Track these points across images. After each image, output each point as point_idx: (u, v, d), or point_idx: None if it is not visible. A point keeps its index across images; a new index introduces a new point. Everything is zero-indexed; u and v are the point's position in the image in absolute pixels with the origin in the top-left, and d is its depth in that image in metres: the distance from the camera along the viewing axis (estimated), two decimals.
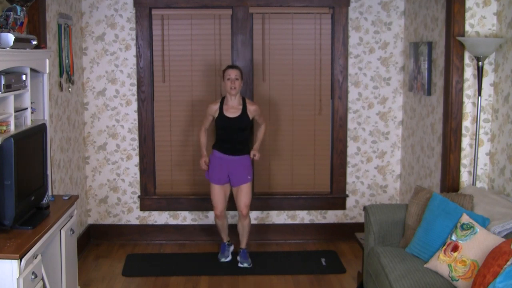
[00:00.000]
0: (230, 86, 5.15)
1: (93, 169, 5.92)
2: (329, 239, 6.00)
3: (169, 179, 5.99)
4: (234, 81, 5.15)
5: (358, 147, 5.97)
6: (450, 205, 3.89)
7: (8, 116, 3.56)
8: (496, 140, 4.45)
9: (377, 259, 4.03)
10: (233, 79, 5.14)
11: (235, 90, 5.16)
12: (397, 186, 6.01)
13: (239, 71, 5.20)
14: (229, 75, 5.16)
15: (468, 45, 4.31)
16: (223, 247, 5.45)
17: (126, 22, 5.76)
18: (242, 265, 5.31)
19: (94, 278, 5.06)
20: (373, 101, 5.91)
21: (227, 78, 5.17)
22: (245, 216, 5.31)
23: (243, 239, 5.41)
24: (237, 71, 5.18)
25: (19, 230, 3.41)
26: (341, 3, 5.75)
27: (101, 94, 5.82)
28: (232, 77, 5.15)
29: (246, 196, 5.29)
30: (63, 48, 5.08)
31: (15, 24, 3.64)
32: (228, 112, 5.22)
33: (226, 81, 5.17)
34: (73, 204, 4.11)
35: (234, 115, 5.22)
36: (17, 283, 3.05)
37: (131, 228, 5.98)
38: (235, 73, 5.17)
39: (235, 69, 5.20)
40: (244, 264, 5.31)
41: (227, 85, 5.17)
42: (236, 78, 5.15)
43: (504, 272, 3.00)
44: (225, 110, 5.23)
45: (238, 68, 5.22)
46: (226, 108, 5.23)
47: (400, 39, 5.83)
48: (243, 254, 5.38)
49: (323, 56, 5.86)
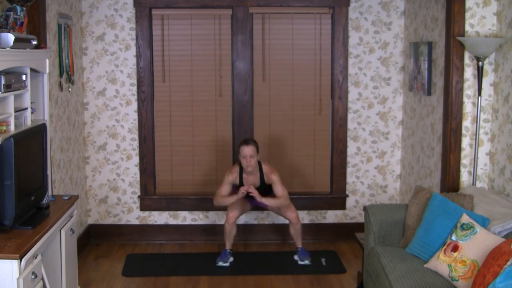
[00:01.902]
0: (246, 165, 5.11)
1: (93, 169, 5.92)
2: (329, 239, 6.00)
3: (169, 179, 5.99)
4: (249, 160, 5.10)
5: (358, 147, 5.98)
6: (450, 205, 3.89)
7: (8, 116, 3.56)
8: (496, 140, 4.45)
9: (377, 259, 4.03)
10: (248, 158, 5.09)
11: (251, 167, 5.13)
12: (397, 186, 6.02)
13: (254, 147, 5.11)
14: (245, 154, 5.09)
15: (468, 45, 4.31)
16: (224, 252, 5.38)
17: (126, 22, 5.76)
18: (303, 262, 5.32)
19: (94, 278, 5.06)
20: (373, 101, 5.91)
21: (243, 156, 5.11)
22: (296, 222, 5.33)
23: (298, 240, 5.41)
24: (252, 148, 5.09)
25: (19, 230, 3.41)
26: (341, 3, 5.75)
27: (101, 94, 5.82)
28: (247, 156, 5.09)
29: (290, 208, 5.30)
30: (63, 48, 5.08)
31: (15, 24, 3.64)
32: (247, 183, 5.21)
33: (242, 159, 5.12)
34: (73, 204, 4.11)
35: (254, 185, 5.19)
36: (17, 283, 3.05)
37: (131, 228, 5.98)
38: (250, 151, 5.08)
39: (250, 146, 5.10)
40: (305, 261, 5.32)
41: (243, 163, 5.13)
42: (251, 156, 5.09)
43: (504, 272, 3.00)
44: (245, 181, 5.21)
45: (252, 144, 5.13)
46: (245, 178, 5.21)
47: (400, 39, 5.83)
48: (302, 252, 5.38)
49: (323, 56, 5.86)
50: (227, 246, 5.38)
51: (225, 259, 5.32)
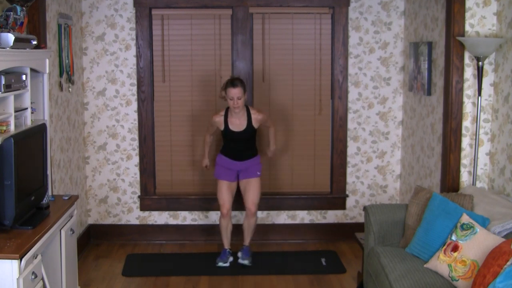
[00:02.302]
0: (234, 106, 5.06)
1: (93, 169, 5.92)
2: (329, 239, 6.00)
3: (169, 179, 5.99)
4: (236, 101, 5.04)
5: (358, 147, 5.98)
6: (450, 205, 3.89)
7: (8, 116, 3.56)
8: (496, 140, 4.45)
9: (377, 259, 4.03)
10: (235, 99, 5.04)
11: (239, 109, 5.08)
12: (397, 186, 6.02)
13: (240, 89, 5.03)
14: (232, 96, 5.03)
15: (468, 45, 4.31)
16: (224, 252, 5.37)
17: (126, 22, 5.76)
18: (243, 261, 5.28)
19: (94, 278, 5.06)
20: (373, 101, 5.91)
21: (230, 98, 5.04)
22: (253, 214, 5.29)
23: (247, 237, 5.39)
24: (239, 90, 5.02)
25: (19, 230, 3.41)
26: (341, 3, 5.75)
27: (101, 94, 5.82)
28: (235, 97, 5.03)
29: (254, 192, 5.26)
30: (63, 48, 5.08)
31: (15, 24, 3.64)
32: (233, 125, 5.17)
33: (229, 100, 5.06)
34: (73, 204, 4.11)
35: (239, 128, 5.17)
36: (17, 283, 3.05)
37: (131, 228, 5.98)
38: (237, 93, 5.01)
39: (236, 87, 5.02)
40: (245, 261, 5.29)
41: (230, 104, 5.07)
42: (238, 98, 5.03)
43: (504, 272, 3.00)
44: (230, 123, 5.17)
45: (239, 85, 5.05)
46: (231, 121, 5.17)
47: (400, 39, 5.83)
48: (245, 251, 5.35)
49: (323, 56, 5.86)
50: (225, 245, 5.38)
51: (224, 259, 5.31)
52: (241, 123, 5.17)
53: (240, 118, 5.17)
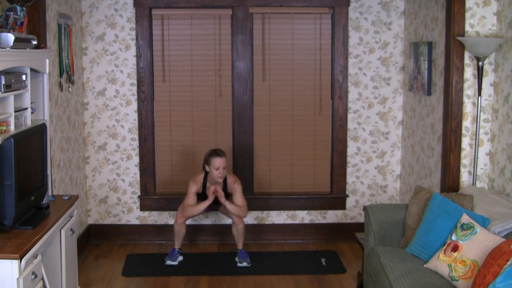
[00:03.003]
0: (218, 176, 5.19)
1: (93, 169, 5.92)
2: (329, 239, 6.00)
3: (169, 179, 5.99)
4: (221, 171, 5.19)
5: (358, 147, 5.98)
6: (450, 205, 3.89)
7: (8, 116, 3.56)
8: (496, 140, 4.45)
9: (377, 259, 4.03)
10: (221, 169, 5.18)
11: (221, 179, 5.22)
12: (397, 186, 6.02)
13: (225, 158, 5.22)
14: (217, 166, 5.17)
15: (468, 45, 4.31)
16: (172, 251, 5.40)
17: (126, 22, 5.76)
18: (242, 264, 5.30)
19: (94, 278, 5.06)
20: (373, 101, 5.91)
21: (215, 168, 5.17)
22: (239, 222, 5.36)
23: (239, 241, 5.41)
24: (224, 159, 5.20)
25: (19, 230, 3.41)
26: (341, 3, 5.75)
27: (101, 94, 5.82)
28: (221, 167, 5.17)
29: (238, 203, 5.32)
30: (63, 48, 5.08)
31: (15, 24, 3.64)
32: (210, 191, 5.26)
33: (214, 171, 5.18)
34: (73, 204, 4.11)
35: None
36: (17, 283, 3.05)
37: (131, 228, 5.98)
38: (223, 163, 5.18)
39: (222, 157, 5.19)
40: (244, 263, 5.30)
41: (215, 174, 5.19)
42: (223, 168, 5.19)
43: (504, 272, 3.00)
44: (208, 190, 5.27)
45: (224, 155, 5.22)
46: (209, 187, 5.27)
47: (400, 39, 5.83)
48: (241, 254, 5.37)
49: (323, 56, 5.87)
50: (176, 245, 5.43)
51: (173, 257, 5.35)
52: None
53: (217, 184, 5.28)
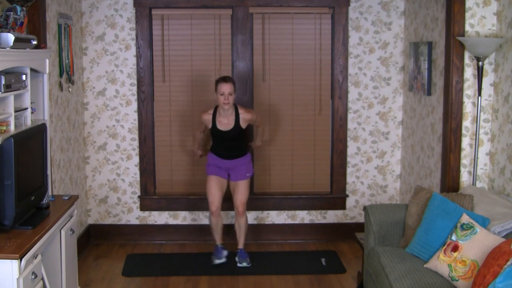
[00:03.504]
0: (224, 102, 5.07)
1: (93, 169, 5.92)
2: (329, 239, 6.00)
3: (169, 179, 5.99)
4: (227, 97, 5.06)
5: (358, 147, 5.98)
6: (450, 205, 3.89)
7: (8, 116, 3.56)
8: (496, 140, 4.45)
9: (377, 259, 4.03)
10: (226, 94, 5.06)
11: (228, 105, 5.10)
12: (397, 186, 6.02)
13: (232, 85, 5.09)
14: (223, 91, 5.05)
15: (468, 45, 4.31)
16: (217, 248, 5.38)
17: (126, 22, 5.76)
18: (241, 264, 5.29)
19: (94, 278, 5.06)
20: (373, 101, 5.91)
21: (220, 93, 5.07)
22: (241, 214, 5.30)
23: (240, 239, 5.39)
24: (230, 85, 5.07)
25: (19, 230, 3.41)
26: (341, 3, 5.75)
27: (101, 94, 5.82)
28: (226, 93, 5.05)
29: (242, 193, 5.28)
30: (63, 48, 5.08)
31: (15, 24, 3.64)
32: (221, 124, 5.18)
33: (220, 96, 5.08)
34: (73, 204, 4.11)
35: (227, 127, 5.18)
36: (17, 283, 3.05)
37: (131, 228, 5.98)
38: (228, 88, 5.06)
39: (228, 83, 5.07)
40: (243, 263, 5.29)
41: (220, 100, 5.08)
42: (229, 94, 5.06)
43: (504, 272, 3.00)
44: (218, 123, 5.19)
45: (231, 81, 5.10)
46: (219, 120, 5.19)
47: (400, 39, 5.83)
48: (241, 254, 5.35)
49: (323, 56, 5.87)
50: (217, 241, 5.39)
51: (219, 255, 5.32)
52: (229, 122, 5.18)
53: (228, 117, 5.18)
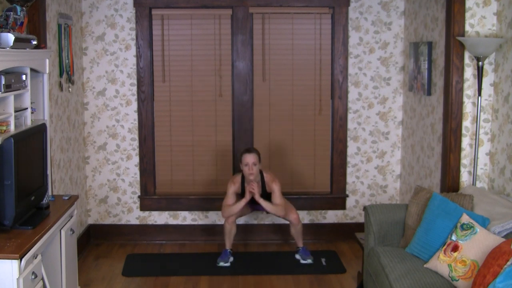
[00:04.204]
0: (249, 173, 5.14)
1: (93, 169, 5.92)
2: (329, 239, 6.00)
3: (169, 179, 5.99)
4: (251, 167, 5.13)
5: (358, 147, 5.98)
6: (450, 205, 3.89)
7: (8, 116, 3.56)
8: (496, 140, 4.45)
9: (377, 259, 4.03)
10: (250, 165, 5.12)
11: (253, 176, 5.15)
12: (397, 186, 6.02)
13: (256, 155, 5.16)
14: (247, 162, 5.13)
15: (468, 45, 4.31)
16: (224, 252, 5.38)
17: (126, 22, 5.76)
18: (305, 261, 5.35)
19: (94, 278, 5.06)
20: (373, 101, 5.91)
21: (245, 164, 5.14)
22: (297, 223, 5.36)
23: (299, 239, 5.43)
24: (254, 156, 5.14)
25: (19, 230, 3.41)
26: (341, 3, 5.75)
27: (101, 94, 5.82)
28: (250, 163, 5.12)
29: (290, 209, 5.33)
30: (63, 48, 5.08)
31: (15, 24, 3.64)
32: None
33: (244, 167, 5.15)
34: (73, 204, 4.11)
35: None
36: (17, 283, 3.05)
37: (131, 228, 5.98)
38: (252, 159, 5.13)
39: (252, 153, 5.16)
40: (308, 260, 5.35)
41: (245, 171, 5.16)
42: (254, 164, 5.13)
43: (504, 272, 3.00)
44: (247, 190, 5.21)
45: (255, 152, 5.18)
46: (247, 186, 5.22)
47: (400, 39, 5.83)
48: (304, 251, 5.40)
49: (323, 56, 5.86)
50: (227, 246, 5.39)
51: (225, 259, 5.32)
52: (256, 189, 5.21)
53: (256, 184, 5.21)
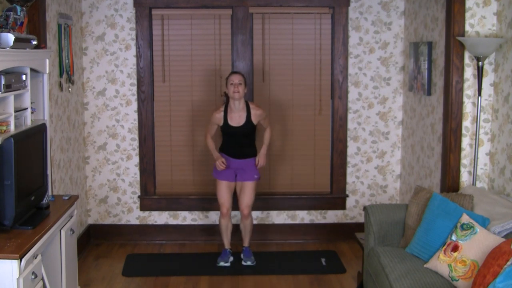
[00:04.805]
0: (233, 91, 5.12)
1: (93, 169, 5.92)
2: (329, 239, 6.00)
3: (169, 179, 5.99)
4: (237, 86, 5.11)
5: (358, 147, 5.98)
6: (450, 205, 3.89)
7: (8, 116, 3.56)
8: (496, 140, 4.45)
9: (377, 259, 4.03)
10: (236, 84, 5.11)
11: (239, 94, 5.12)
12: (397, 186, 6.02)
13: (242, 77, 5.17)
14: (232, 80, 5.14)
15: (468, 45, 4.31)
16: (224, 252, 5.38)
17: (126, 22, 5.76)
18: (246, 263, 5.31)
19: (94, 278, 5.06)
20: (373, 101, 5.91)
21: (230, 83, 5.14)
22: (246, 216, 5.31)
23: (246, 238, 5.41)
24: (240, 76, 5.16)
25: (19, 230, 3.41)
26: (341, 3, 5.75)
27: (101, 94, 5.83)
28: (236, 82, 5.12)
29: (248, 196, 5.28)
30: (63, 48, 5.08)
31: (15, 24, 3.64)
32: (233, 120, 5.19)
33: (229, 86, 5.15)
34: (73, 204, 4.11)
35: (238, 123, 5.19)
36: (17, 283, 3.05)
37: (131, 228, 5.98)
38: (238, 78, 5.14)
39: (238, 74, 5.18)
40: (248, 262, 5.31)
41: (230, 90, 5.14)
42: (239, 83, 5.12)
43: (504, 272, 3.00)
44: (230, 119, 5.20)
45: (241, 74, 5.20)
46: (230, 116, 5.20)
47: (400, 39, 5.83)
48: (247, 252, 5.37)
49: (323, 56, 5.87)
50: (226, 245, 5.39)
51: (225, 259, 5.32)
52: (240, 118, 5.20)
53: (240, 112, 5.20)
